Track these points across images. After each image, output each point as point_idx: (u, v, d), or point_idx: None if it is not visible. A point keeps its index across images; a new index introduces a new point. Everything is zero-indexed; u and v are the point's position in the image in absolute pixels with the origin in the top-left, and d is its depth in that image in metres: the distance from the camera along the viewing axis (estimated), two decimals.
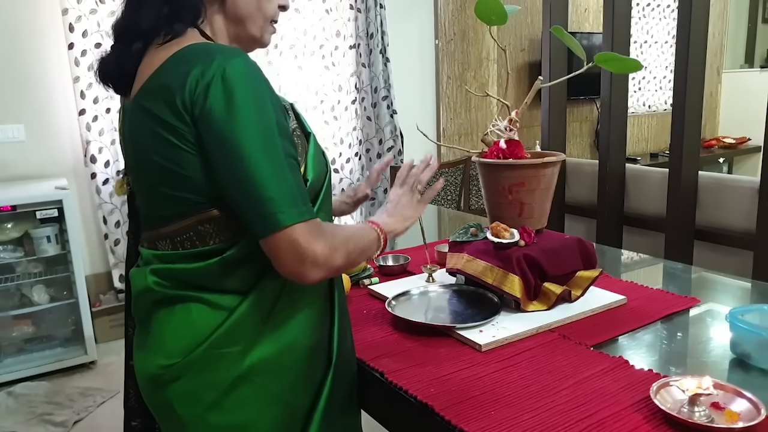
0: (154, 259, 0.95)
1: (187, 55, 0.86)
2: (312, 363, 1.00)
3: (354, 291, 1.47)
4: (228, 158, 0.82)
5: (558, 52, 3.15)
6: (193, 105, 0.82)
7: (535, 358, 1.08)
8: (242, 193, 0.82)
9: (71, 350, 2.90)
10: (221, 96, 0.81)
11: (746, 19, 6.03)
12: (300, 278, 0.85)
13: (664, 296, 1.35)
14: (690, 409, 0.86)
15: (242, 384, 0.93)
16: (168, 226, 0.93)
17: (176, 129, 0.84)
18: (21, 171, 3.02)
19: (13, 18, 2.90)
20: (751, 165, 5.70)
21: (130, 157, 0.98)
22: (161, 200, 0.92)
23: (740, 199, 2.56)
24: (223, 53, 0.84)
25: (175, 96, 0.83)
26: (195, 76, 0.82)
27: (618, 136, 3.02)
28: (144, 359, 0.99)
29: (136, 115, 0.89)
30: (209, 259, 0.91)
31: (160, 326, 0.95)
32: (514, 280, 1.24)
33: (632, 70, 1.34)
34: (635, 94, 5.35)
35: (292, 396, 0.97)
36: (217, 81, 0.81)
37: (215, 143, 0.83)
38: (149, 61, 0.90)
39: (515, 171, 1.30)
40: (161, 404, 0.97)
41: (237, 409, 0.93)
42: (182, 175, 0.87)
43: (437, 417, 0.92)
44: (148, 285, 0.94)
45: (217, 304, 0.92)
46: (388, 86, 3.94)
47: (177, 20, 0.90)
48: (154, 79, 0.87)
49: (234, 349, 0.91)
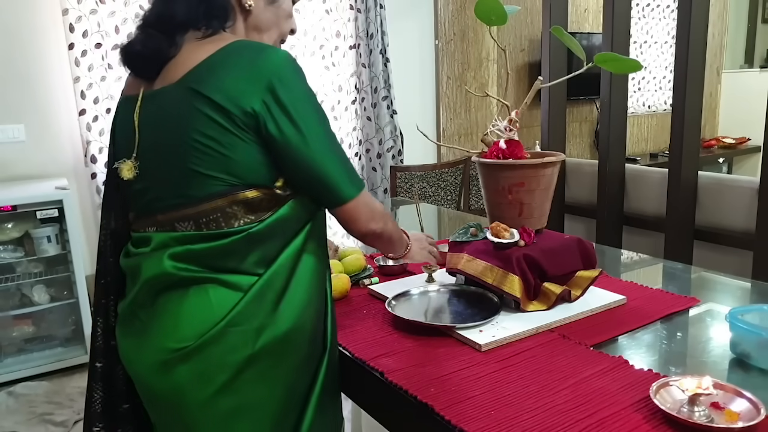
0: (172, 241, 0.96)
1: (241, 48, 0.94)
2: (312, 346, 1.05)
3: (354, 291, 1.47)
4: (302, 152, 0.94)
5: (558, 52, 3.15)
6: (258, 98, 0.91)
7: (534, 358, 1.08)
8: (318, 177, 0.97)
9: (71, 350, 2.90)
10: (286, 95, 0.92)
11: (746, 19, 6.03)
12: (368, 231, 1.05)
13: (663, 296, 1.35)
14: (690, 409, 0.86)
15: (254, 363, 0.95)
16: (194, 207, 0.95)
17: (232, 115, 0.90)
18: (21, 171, 3.02)
19: (13, 18, 2.90)
20: (750, 165, 5.70)
21: (150, 140, 0.98)
22: (191, 180, 0.94)
23: (740, 199, 2.56)
24: (273, 49, 0.95)
25: (234, 86, 0.90)
26: (255, 69, 0.91)
27: (618, 136, 3.02)
28: (147, 346, 0.98)
29: (181, 98, 0.93)
30: (234, 236, 0.95)
31: (171, 310, 0.96)
32: (514, 280, 1.24)
33: (632, 71, 1.34)
34: (635, 94, 5.35)
35: (295, 377, 1.02)
36: (278, 77, 0.91)
37: (286, 139, 0.93)
38: (191, 52, 0.95)
39: (515, 171, 1.30)
40: (165, 391, 0.96)
41: (246, 390, 0.95)
42: (226, 157, 0.92)
43: (437, 417, 0.92)
44: (165, 269, 0.95)
45: (234, 284, 0.95)
46: (388, 86, 3.94)
47: (213, 18, 0.98)
48: (205, 68, 0.92)
49: (250, 327, 0.94)
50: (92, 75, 3.03)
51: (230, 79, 0.91)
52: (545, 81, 2.92)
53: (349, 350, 1.15)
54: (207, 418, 0.95)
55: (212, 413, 0.95)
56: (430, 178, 3.44)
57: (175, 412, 0.97)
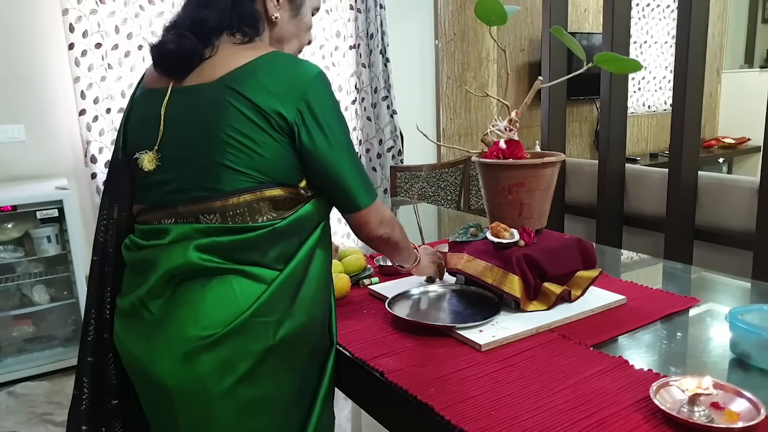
0: (196, 233, 0.98)
1: (280, 59, 1.00)
2: (322, 339, 1.11)
3: (354, 291, 1.47)
4: (327, 160, 1.01)
5: (558, 52, 3.15)
6: (293, 107, 0.97)
7: (534, 358, 1.08)
8: (339, 185, 1.04)
9: (71, 350, 2.90)
10: (319, 107, 0.98)
11: (746, 19, 6.03)
12: (377, 236, 1.11)
13: (663, 296, 1.35)
14: (690, 409, 0.86)
15: (273, 354, 0.98)
16: (222, 200, 0.98)
17: (269, 118, 0.96)
18: (21, 171, 3.02)
19: (14, 18, 2.90)
20: (750, 165, 5.70)
21: (174, 131, 1.00)
22: (219, 174, 0.97)
23: (740, 199, 2.56)
24: (308, 63, 1.01)
25: (273, 92, 0.96)
26: (294, 80, 0.97)
27: (618, 136, 3.02)
28: (164, 339, 0.97)
29: (218, 95, 0.97)
30: (259, 230, 0.98)
31: (193, 300, 0.96)
32: (514, 280, 1.24)
33: (632, 71, 1.34)
34: (635, 94, 5.35)
35: (307, 369, 1.07)
36: (313, 90, 0.98)
37: (316, 148, 1.00)
38: (229, 56, 1.00)
39: (515, 171, 1.30)
40: (186, 384, 0.96)
41: (264, 381, 0.99)
42: (257, 154, 0.97)
43: (437, 417, 0.92)
44: (190, 260, 0.96)
45: (258, 276, 0.99)
46: (388, 86, 3.94)
47: (245, 25, 1.04)
48: (246, 71, 0.97)
49: (272, 318, 0.98)
50: (92, 75, 3.03)
51: (269, 84, 0.96)
52: (545, 81, 2.92)
53: (349, 350, 1.15)
54: (227, 409, 0.97)
55: (233, 403, 0.97)
56: (430, 178, 3.44)
57: (193, 406, 0.97)
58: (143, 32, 3.17)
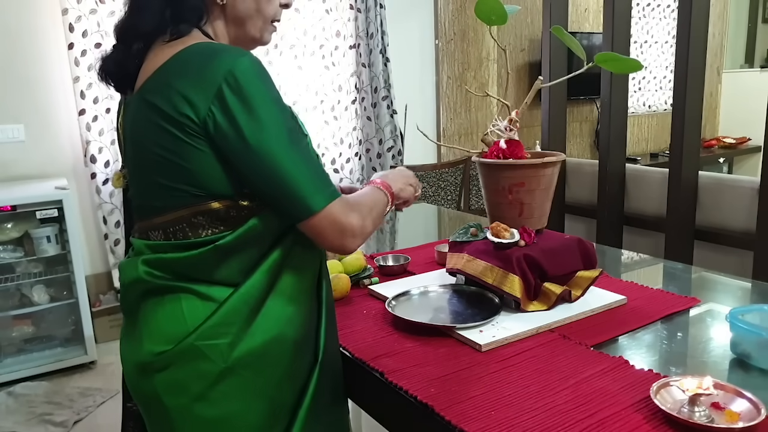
0: (146, 249, 0.96)
1: (193, 54, 0.89)
2: (297, 358, 1.01)
3: (354, 291, 1.47)
4: (256, 159, 0.88)
5: (558, 52, 3.14)
6: (205, 106, 0.86)
7: (535, 358, 1.08)
8: (276, 187, 0.89)
9: (71, 350, 2.90)
10: (235, 99, 0.86)
11: (746, 19, 6.03)
12: (343, 249, 0.95)
13: (664, 296, 1.35)
14: (690, 409, 0.85)
15: (229, 376, 0.93)
16: (161, 216, 0.94)
17: (183, 125, 0.87)
18: (21, 171, 3.02)
19: (13, 18, 2.90)
20: (751, 165, 5.70)
21: (129, 149, 0.99)
22: (157, 191, 0.93)
23: (740, 199, 2.55)
24: (228, 53, 0.88)
25: (182, 94, 0.86)
26: (205, 76, 0.86)
27: (618, 136, 3.02)
28: (132, 348, 1.00)
29: (139, 109, 0.92)
30: (202, 247, 0.93)
31: (149, 317, 0.96)
32: (514, 280, 1.24)
33: (632, 70, 1.34)
34: (635, 94, 5.35)
35: (277, 391, 0.98)
36: (228, 83, 0.85)
37: (238, 146, 0.87)
38: (153, 58, 0.93)
39: (515, 171, 1.30)
40: (147, 394, 0.98)
41: (223, 402, 0.94)
42: (184, 168, 0.90)
43: (437, 417, 0.92)
44: (139, 275, 0.95)
45: (207, 296, 0.94)
46: (388, 86, 3.94)
47: (181, 21, 0.94)
48: (159, 75, 0.90)
49: (223, 341, 0.92)
50: (92, 75, 3.03)
51: (179, 86, 0.87)
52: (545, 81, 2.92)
53: (349, 350, 1.15)
54: (188, 422, 0.95)
55: (191, 421, 0.95)
56: (430, 178, 3.44)
57: (159, 417, 0.98)
58: None
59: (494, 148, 1.34)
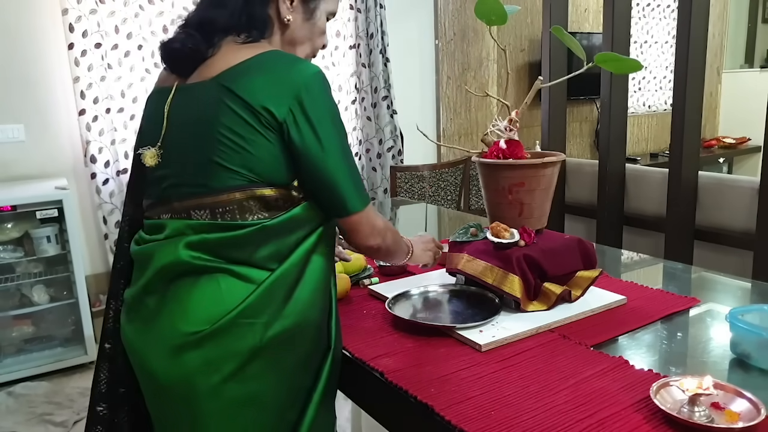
0: (187, 229, 0.99)
1: (276, 57, 1.00)
2: (316, 344, 1.08)
3: (354, 291, 1.47)
4: (321, 161, 1.00)
5: (558, 52, 3.14)
6: (285, 106, 0.96)
7: (535, 358, 1.08)
8: (331, 185, 1.02)
9: (71, 350, 2.90)
10: (314, 106, 0.98)
11: (746, 19, 6.03)
12: (367, 243, 1.09)
13: (664, 296, 1.35)
14: (690, 409, 0.86)
15: (261, 355, 0.98)
16: (213, 196, 0.98)
17: (260, 116, 0.96)
18: (21, 171, 3.02)
19: (13, 18, 2.90)
20: (751, 165, 5.70)
21: (176, 130, 1.03)
22: (213, 171, 0.98)
23: (740, 199, 2.55)
24: (306, 63, 1.01)
25: (265, 89, 0.96)
26: (287, 79, 0.97)
27: (618, 136, 3.02)
28: (156, 331, 1.00)
29: (212, 93, 0.98)
30: (248, 228, 0.98)
31: (181, 297, 0.98)
32: (514, 280, 1.24)
33: (632, 70, 1.34)
34: (635, 94, 5.35)
35: (298, 373, 1.05)
36: (308, 89, 0.97)
37: (312, 147, 0.99)
38: (228, 53, 1.01)
39: (515, 171, 1.30)
40: (175, 378, 0.98)
41: (251, 381, 0.98)
42: (248, 153, 0.97)
43: (437, 417, 0.92)
44: (180, 257, 0.98)
45: (246, 276, 0.98)
46: (388, 86, 3.94)
47: (252, 28, 1.05)
48: (241, 69, 0.98)
49: (260, 320, 0.97)
50: (92, 75, 3.03)
51: (261, 82, 0.96)
52: (545, 81, 2.92)
53: (349, 350, 1.15)
54: (214, 406, 0.97)
55: (220, 401, 0.97)
56: (430, 178, 3.44)
57: (182, 401, 0.99)
58: (143, 32, 3.17)
59: (494, 148, 1.34)
